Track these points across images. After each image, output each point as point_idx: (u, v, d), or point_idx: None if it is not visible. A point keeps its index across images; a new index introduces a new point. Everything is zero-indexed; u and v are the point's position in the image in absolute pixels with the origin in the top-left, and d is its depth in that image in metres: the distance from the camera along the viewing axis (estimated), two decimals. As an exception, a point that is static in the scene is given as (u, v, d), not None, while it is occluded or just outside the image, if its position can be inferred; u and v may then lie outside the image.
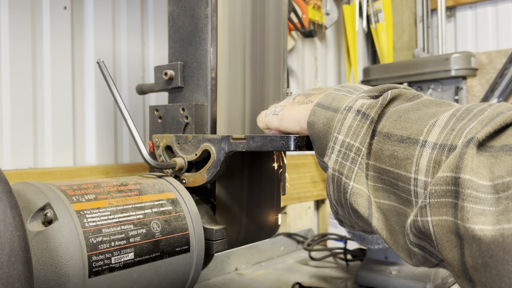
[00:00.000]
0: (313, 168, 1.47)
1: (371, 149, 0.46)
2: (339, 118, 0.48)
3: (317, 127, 0.51)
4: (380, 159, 0.44)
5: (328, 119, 0.50)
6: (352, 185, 0.45)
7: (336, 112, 0.49)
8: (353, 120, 0.46)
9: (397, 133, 0.43)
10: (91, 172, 0.92)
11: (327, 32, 1.65)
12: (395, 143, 0.43)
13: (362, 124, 0.46)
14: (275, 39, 0.83)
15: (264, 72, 0.81)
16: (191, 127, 0.71)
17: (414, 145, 0.41)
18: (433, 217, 0.38)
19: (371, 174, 0.46)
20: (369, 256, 0.99)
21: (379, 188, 0.45)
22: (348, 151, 0.46)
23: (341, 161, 0.46)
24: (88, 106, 0.96)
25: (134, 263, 0.54)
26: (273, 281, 1.03)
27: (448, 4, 1.79)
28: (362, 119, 0.46)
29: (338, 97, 0.51)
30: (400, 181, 0.42)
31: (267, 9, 0.81)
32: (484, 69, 1.61)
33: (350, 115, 0.47)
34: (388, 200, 0.44)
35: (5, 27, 0.83)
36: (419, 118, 0.43)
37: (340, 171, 0.46)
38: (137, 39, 1.05)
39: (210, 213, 0.72)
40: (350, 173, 0.46)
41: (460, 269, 0.36)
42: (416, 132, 0.42)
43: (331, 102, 0.51)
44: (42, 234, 0.49)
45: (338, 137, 0.47)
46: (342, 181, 0.46)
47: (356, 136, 0.46)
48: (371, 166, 0.45)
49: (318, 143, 0.52)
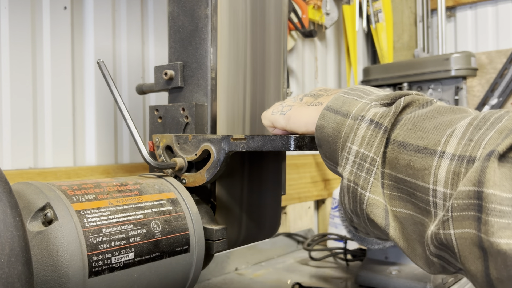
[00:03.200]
0: (313, 168, 1.47)
1: (386, 158, 0.45)
2: (350, 126, 0.48)
3: (326, 131, 0.51)
4: (396, 168, 0.44)
5: (338, 124, 0.50)
6: (368, 195, 0.45)
7: (346, 117, 0.49)
8: (367, 130, 0.46)
9: (413, 143, 0.43)
10: (91, 172, 0.92)
11: (327, 32, 1.65)
12: (411, 152, 0.43)
13: (376, 134, 0.46)
14: (275, 39, 0.83)
15: (264, 72, 0.81)
16: (191, 127, 0.71)
17: (432, 156, 0.41)
18: (455, 230, 0.38)
19: (387, 182, 0.45)
20: (369, 256, 0.99)
21: (395, 196, 0.45)
22: (363, 161, 0.46)
23: (356, 172, 0.46)
24: (88, 106, 0.96)
25: (134, 263, 0.54)
26: (273, 281, 1.03)
27: (448, 4, 1.79)
28: (375, 128, 0.46)
29: (348, 101, 0.51)
30: (418, 191, 0.42)
31: (267, 9, 0.81)
32: (484, 69, 1.61)
33: (363, 125, 0.47)
34: (405, 209, 0.44)
35: (5, 27, 0.83)
36: (435, 127, 0.43)
37: (355, 182, 0.46)
38: (137, 39, 1.05)
39: (210, 213, 0.72)
40: (365, 183, 0.46)
41: (484, 280, 0.37)
42: (433, 143, 0.42)
43: (340, 106, 0.51)
44: (42, 234, 0.49)
45: (352, 147, 0.47)
46: (358, 191, 0.46)
47: (370, 146, 0.46)
48: (387, 175, 0.45)
49: (326, 147, 0.52)
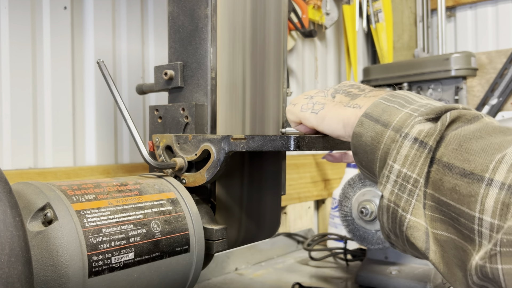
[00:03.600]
0: (313, 168, 1.47)
1: (430, 178, 0.44)
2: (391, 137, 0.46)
3: (364, 140, 0.49)
4: (440, 190, 0.43)
5: (377, 133, 0.48)
6: (409, 218, 0.44)
7: (386, 127, 0.47)
8: (410, 149, 0.44)
9: (458, 165, 0.41)
10: (91, 172, 0.92)
11: (327, 32, 1.65)
12: (456, 176, 0.41)
13: (420, 154, 0.44)
14: (275, 39, 0.83)
15: (264, 72, 0.81)
16: (191, 127, 0.71)
17: (479, 182, 0.39)
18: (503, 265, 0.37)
19: (429, 203, 0.44)
20: (369, 256, 0.99)
21: (437, 218, 0.44)
22: (405, 182, 0.44)
23: (398, 193, 0.45)
24: (88, 106, 0.96)
25: (134, 263, 0.54)
26: (273, 281, 1.03)
27: (448, 4, 1.79)
28: (419, 148, 0.44)
29: (388, 109, 0.49)
30: (462, 217, 0.41)
31: (267, 9, 0.81)
32: (484, 69, 1.61)
33: (407, 143, 0.44)
34: (447, 232, 0.43)
35: (5, 27, 0.83)
36: (482, 150, 0.41)
37: (396, 203, 0.45)
38: (137, 39, 1.05)
39: (210, 213, 0.72)
40: (407, 205, 0.44)
41: None
42: (481, 168, 0.40)
43: (380, 114, 0.49)
44: (42, 234, 0.49)
45: (394, 166, 0.45)
46: (398, 213, 0.45)
47: (413, 166, 0.44)
48: (429, 195, 0.44)
49: (363, 156, 0.50)
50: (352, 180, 0.97)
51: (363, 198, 0.93)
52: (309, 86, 1.56)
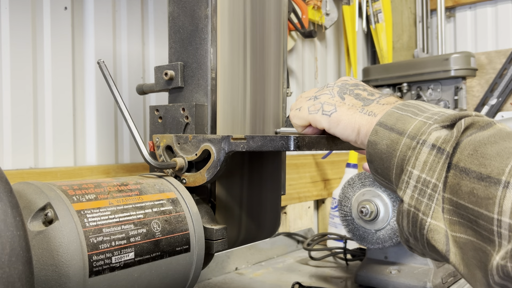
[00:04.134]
0: (313, 168, 1.47)
1: (447, 182, 0.45)
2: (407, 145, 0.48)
3: (379, 148, 0.51)
4: (458, 194, 0.44)
5: (392, 141, 0.50)
6: (430, 221, 0.45)
7: (401, 135, 0.49)
8: (428, 155, 0.46)
9: (475, 170, 0.43)
10: (92, 172, 0.92)
11: (327, 33, 1.66)
12: (473, 180, 0.43)
13: (438, 160, 0.45)
14: (275, 39, 0.83)
15: (264, 72, 0.81)
16: (191, 127, 0.71)
17: (496, 185, 0.41)
18: None
19: (447, 207, 0.45)
20: (369, 256, 0.99)
21: (455, 221, 0.45)
22: (425, 187, 0.46)
23: (418, 197, 0.46)
24: (88, 106, 0.96)
25: (135, 263, 0.55)
26: (273, 281, 1.04)
27: (447, 4, 1.79)
28: (437, 154, 0.45)
29: (402, 118, 0.51)
30: (481, 219, 0.42)
31: (267, 9, 0.81)
32: (483, 69, 1.61)
33: (425, 149, 0.46)
34: (465, 235, 0.44)
35: (6, 28, 0.84)
36: (497, 154, 0.43)
37: (416, 207, 0.46)
38: (138, 39, 1.05)
39: (210, 213, 0.72)
40: (427, 209, 0.45)
41: None
42: (497, 171, 0.42)
43: (394, 122, 0.51)
44: (43, 234, 0.49)
45: (413, 172, 0.47)
46: (419, 217, 0.46)
47: (432, 172, 0.45)
48: (447, 200, 0.45)
49: (378, 164, 0.52)
50: (352, 180, 0.98)
51: (362, 198, 0.93)
52: (309, 86, 1.56)
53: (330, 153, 1.43)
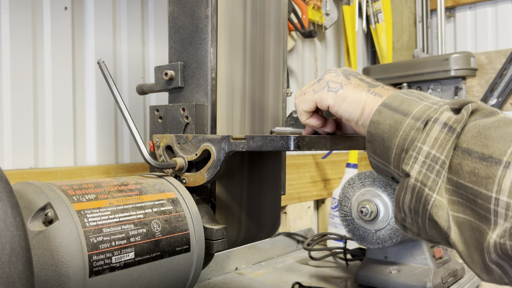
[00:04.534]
0: (313, 168, 1.47)
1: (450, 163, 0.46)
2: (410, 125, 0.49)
3: (381, 128, 0.52)
4: (459, 174, 0.45)
5: (395, 122, 0.51)
6: (435, 197, 0.46)
7: (405, 116, 0.50)
8: (440, 132, 0.47)
9: (477, 150, 0.44)
10: (92, 172, 0.92)
11: (327, 33, 1.66)
12: (475, 160, 0.44)
13: (449, 138, 0.46)
14: (275, 39, 0.83)
15: (264, 72, 0.81)
16: (191, 127, 0.71)
17: (497, 165, 0.42)
18: None
19: (447, 187, 0.46)
20: (369, 256, 0.99)
21: (454, 201, 0.46)
22: (434, 163, 0.46)
23: (426, 173, 0.47)
24: (88, 106, 0.96)
25: (135, 263, 0.55)
26: (273, 281, 1.04)
27: (447, 4, 1.79)
28: (449, 132, 0.46)
29: (407, 101, 0.52)
30: (480, 198, 0.43)
31: (267, 9, 0.81)
32: (483, 69, 1.62)
33: (437, 126, 0.47)
34: (463, 214, 0.45)
35: (6, 28, 0.84)
36: (501, 137, 0.44)
37: (423, 182, 0.47)
38: (138, 40, 1.05)
39: (210, 213, 0.72)
40: (434, 185, 0.46)
41: None
42: (499, 152, 0.43)
43: (399, 104, 0.51)
44: (43, 234, 0.49)
45: (422, 147, 0.47)
46: (424, 192, 0.47)
47: (442, 149, 0.46)
48: (448, 179, 0.46)
49: (378, 144, 0.52)
50: (352, 180, 0.98)
51: (362, 198, 0.93)
52: (309, 86, 1.56)
53: (330, 153, 1.43)
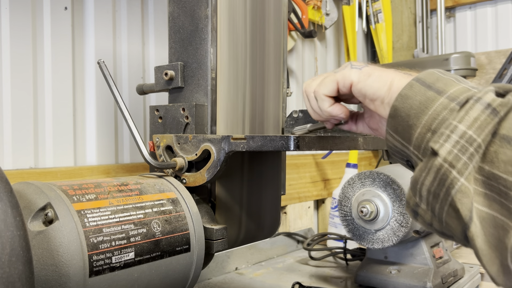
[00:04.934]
0: (313, 168, 1.47)
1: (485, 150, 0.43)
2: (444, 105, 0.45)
3: (410, 103, 0.48)
4: (493, 162, 0.41)
5: (427, 99, 0.47)
6: (462, 182, 0.42)
7: (440, 94, 0.46)
8: (481, 113, 0.43)
9: None
10: (92, 172, 0.92)
11: (327, 33, 1.66)
12: None
13: (490, 120, 0.42)
14: (275, 39, 0.83)
15: (264, 72, 0.81)
16: (191, 127, 0.71)
17: None
18: None
19: (476, 176, 0.43)
20: (369, 256, 0.99)
21: (481, 193, 0.42)
22: (468, 144, 0.42)
23: (457, 154, 0.42)
24: (88, 106, 0.96)
25: (135, 263, 0.55)
26: (273, 281, 1.04)
27: (447, 4, 1.79)
28: (491, 114, 0.42)
29: (443, 79, 0.48)
30: None
31: (267, 9, 0.81)
32: (483, 69, 1.62)
33: (479, 106, 0.43)
34: (489, 209, 0.42)
35: (6, 28, 0.84)
36: None
37: (452, 164, 0.42)
38: (138, 40, 1.05)
39: (210, 213, 0.72)
40: (463, 169, 0.42)
41: None
42: None
43: (434, 82, 0.48)
44: (43, 234, 0.49)
45: (458, 126, 0.43)
46: (451, 174, 0.42)
47: (480, 130, 0.42)
48: (479, 168, 0.43)
49: (402, 120, 0.49)
50: (352, 180, 0.98)
51: (362, 198, 0.93)
52: (309, 86, 1.56)
53: (330, 153, 1.43)
